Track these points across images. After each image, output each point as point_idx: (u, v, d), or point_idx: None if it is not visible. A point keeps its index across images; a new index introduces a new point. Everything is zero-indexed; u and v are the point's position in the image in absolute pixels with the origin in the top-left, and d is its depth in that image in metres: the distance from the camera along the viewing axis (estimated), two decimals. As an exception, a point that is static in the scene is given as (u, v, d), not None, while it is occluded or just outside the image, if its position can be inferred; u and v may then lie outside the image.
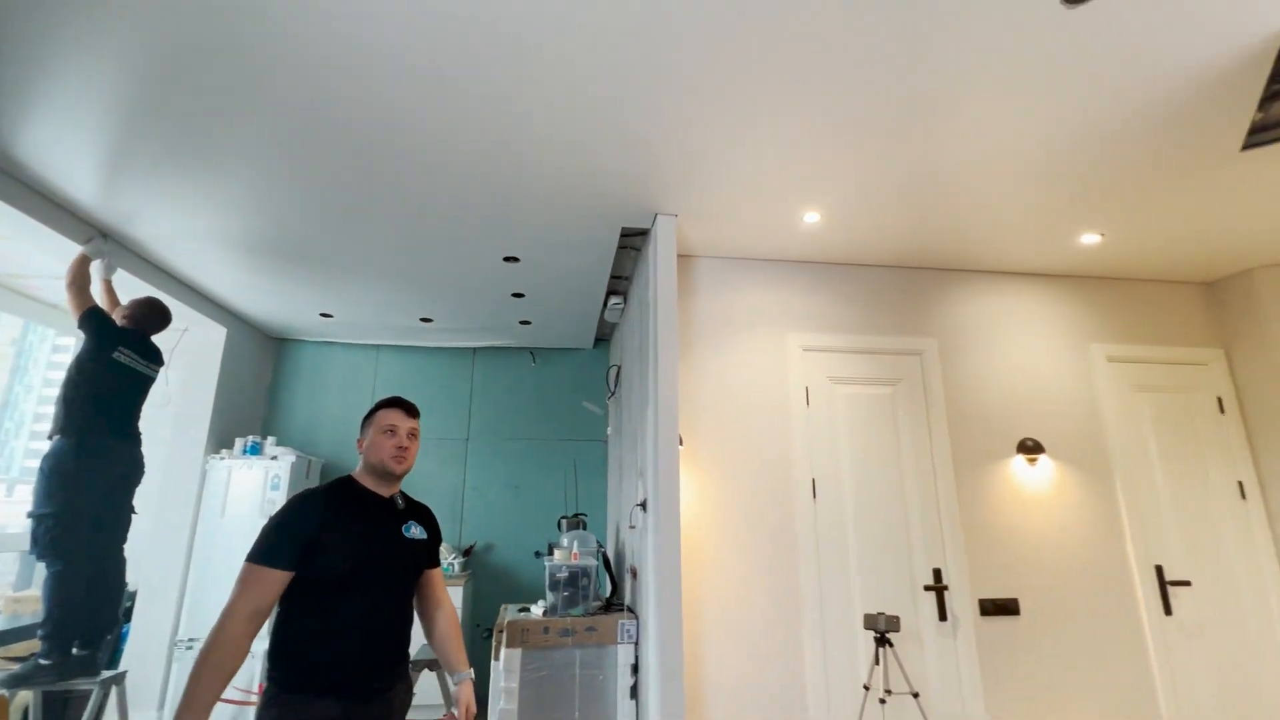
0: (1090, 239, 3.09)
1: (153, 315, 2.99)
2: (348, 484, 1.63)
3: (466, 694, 1.65)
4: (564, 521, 4.02)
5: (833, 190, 2.67)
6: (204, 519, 3.89)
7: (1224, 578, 3.18)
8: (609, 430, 4.67)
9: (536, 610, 3.04)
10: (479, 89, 2.03)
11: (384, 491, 1.64)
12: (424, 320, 4.35)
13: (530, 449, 4.91)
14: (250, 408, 4.55)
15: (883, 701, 2.43)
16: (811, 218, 2.90)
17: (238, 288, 3.78)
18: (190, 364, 4.16)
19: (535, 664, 2.83)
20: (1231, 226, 2.98)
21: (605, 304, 4.09)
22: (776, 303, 3.29)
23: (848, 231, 3.04)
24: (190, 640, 3.66)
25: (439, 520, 1.86)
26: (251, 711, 3.43)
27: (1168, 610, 3.08)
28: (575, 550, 3.13)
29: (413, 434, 1.68)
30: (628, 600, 3.24)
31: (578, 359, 5.14)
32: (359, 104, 2.10)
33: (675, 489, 2.53)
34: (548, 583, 3.03)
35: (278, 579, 1.43)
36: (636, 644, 2.90)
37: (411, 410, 1.71)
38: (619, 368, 4.16)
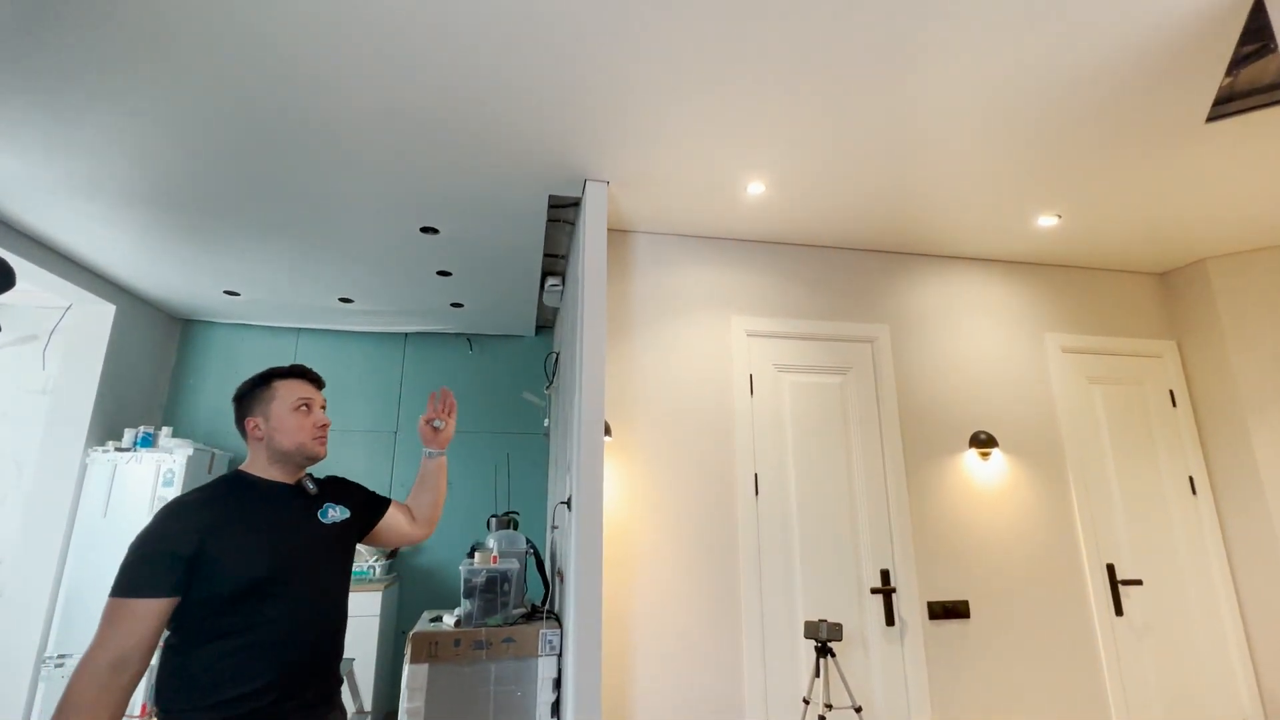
0: (1047, 221, 2.94)
1: None
2: (236, 480, 1.36)
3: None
4: (493, 521, 3.71)
5: (779, 156, 2.43)
6: (82, 519, 3.45)
7: (1174, 576, 3.08)
8: (546, 422, 4.38)
9: (449, 619, 2.73)
10: (360, 32, 1.72)
11: (289, 479, 1.41)
12: (343, 300, 3.98)
13: (466, 442, 4.57)
14: (147, 396, 4.10)
15: (822, 718, 2.21)
16: (756, 188, 2.66)
17: (127, 259, 3.34)
18: (73, 346, 3.70)
19: (443, 680, 2.53)
20: (1186, 212, 2.86)
21: (543, 286, 3.79)
22: (720, 284, 3.05)
23: (795, 207, 2.82)
24: (60, 657, 3.22)
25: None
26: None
27: (1119, 610, 2.96)
28: (495, 553, 2.84)
29: (324, 409, 1.48)
30: (558, 606, 2.96)
31: (519, 347, 4.82)
32: (227, 45, 1.76)
33: (599, 483, 2.26)
34: (463, 589, 2.73)
35: (153, 612, 1.13)
36: (560, 655, 2.62)
37: (319, 381, 1.50)
38: (558, 355, 3.87)
